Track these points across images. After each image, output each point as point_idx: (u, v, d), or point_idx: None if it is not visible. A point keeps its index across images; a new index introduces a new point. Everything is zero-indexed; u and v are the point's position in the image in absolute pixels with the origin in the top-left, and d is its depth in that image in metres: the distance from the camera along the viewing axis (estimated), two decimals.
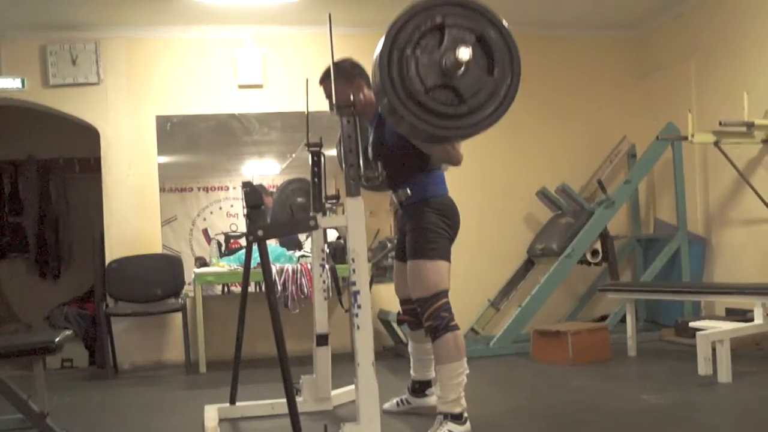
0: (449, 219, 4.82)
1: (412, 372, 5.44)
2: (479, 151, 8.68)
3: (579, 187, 8.91)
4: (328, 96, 4.94)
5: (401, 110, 3.93)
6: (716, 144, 7.39)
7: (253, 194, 4.16)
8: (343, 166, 4.11)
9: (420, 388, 5.36)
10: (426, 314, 4.63)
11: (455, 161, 4.75)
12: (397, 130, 4.38)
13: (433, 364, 5.09)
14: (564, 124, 9.15)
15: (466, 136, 4.21)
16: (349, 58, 5.19)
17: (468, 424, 4.55)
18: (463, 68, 3.91)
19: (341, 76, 4.84)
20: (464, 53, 3.84)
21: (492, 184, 8.88)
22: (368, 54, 8.64)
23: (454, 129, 4.07)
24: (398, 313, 5.24)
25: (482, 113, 4.03)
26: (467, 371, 4.64)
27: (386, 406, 5.39)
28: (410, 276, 4.78)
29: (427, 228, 4.75)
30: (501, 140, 8.64)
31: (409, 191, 4.75)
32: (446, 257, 4.77)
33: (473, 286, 8.35)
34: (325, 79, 5.02)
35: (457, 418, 4.52)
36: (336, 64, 4.57)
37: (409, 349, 5.43)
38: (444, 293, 4.66)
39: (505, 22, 4.05)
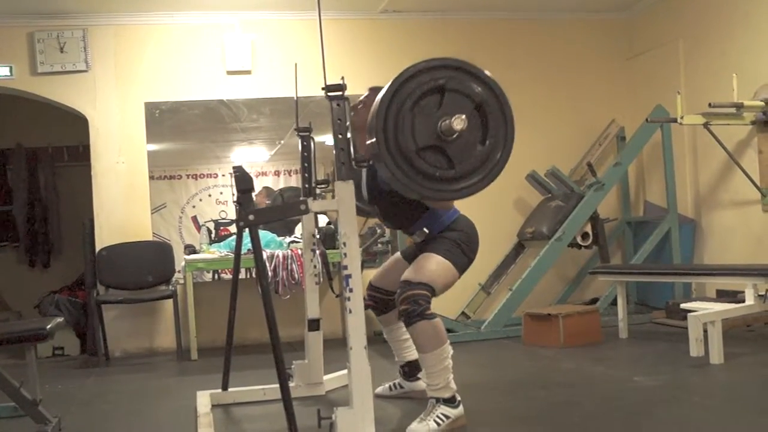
0: (468, 245, 4.81)
1: (396, 357, 5.43)
2: None
3: (569, 171, 8.91)
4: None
5: (389, 164, 4.04)
6: (706, 126, 7.39)
7: (243, 178, 4.14)
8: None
9: (410, 371, 5.34)
10: (403, 296, 4.52)
11: (447, 206, 4.78)
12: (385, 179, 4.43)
13: (410, 342, 5.06)
14: (553, 108, 9.15)
15: (448, 198, 4.39)
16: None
17: (461, 407, 4.55)
18: (456, 134, 4.01)
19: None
20: (459, 123, 3.97)
21: None
22: (356, 38, 8.69)
23: (438, 191, 4.20)
24: (363, 298, 5.22)
25: (468, 181, 4.18)
26: (451, 352, 4.62)
27: (379, 390, 5.39)
28: (414, 263, 4.75)
29: (448, 239, 4.73)
30: None
31: (426, 230, 4.75)
32: (458, 266, 4.73)
33: None
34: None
35: (450, 402, 4.52)
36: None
37: (385, 335, 5.43)
38: (431, 290, 4.56)
39: (505, 96, 4.18)
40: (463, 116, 3.99)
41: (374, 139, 4.03)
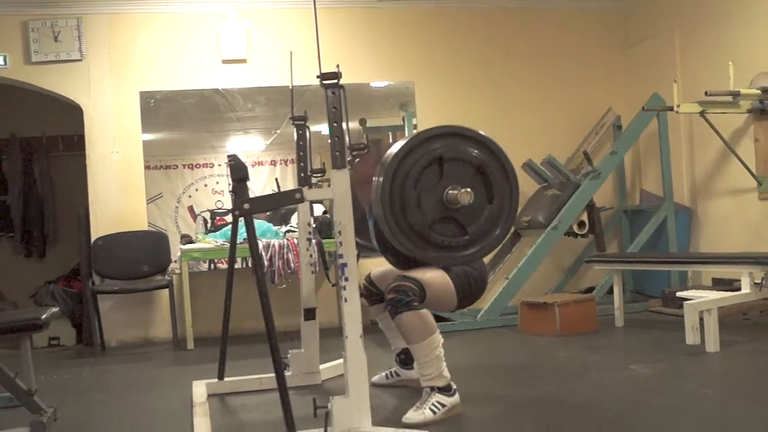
0: (476, 282, 4.84)
1: (392, 346, 5.43)
2: (465, 125, 8.67)
3: (565, 159, 8.90)
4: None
5: (405, 244, 4.12)
6: (702, 114, 7.38)
7: (238, 167, 4.13)
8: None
9: (407, 359, 5.32)
10: (392, 286, 4.52)
11: None
12: None
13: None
14: (549, 97, 9.14)
15: (465, 263, 4.44)
16: None
17: (457, 395, 4.54)
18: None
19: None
20: (466, 197, 4.06)
21: None
22: (351, 26, 8.66)
23: (454, 258, 4.29)
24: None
25: (483, 241, 4.23)
26: (442, 341, 4.60)
27: (375, 378, 5.39)
28: (419, 266, 4.73)
29: (461, 268, 4.76)
30: (486, 113, 8.64)
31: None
32: (458, 293, 4.76)
33: None
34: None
35: (446, 390, 4.51)
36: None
37: (379, 324, 5.42)
38: (422, 289, 4.54)
39: (503, 151, 4.26)
40: (468, 189, 4.06)
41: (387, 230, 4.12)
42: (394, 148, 4.12)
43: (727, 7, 7.82)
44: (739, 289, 6.28)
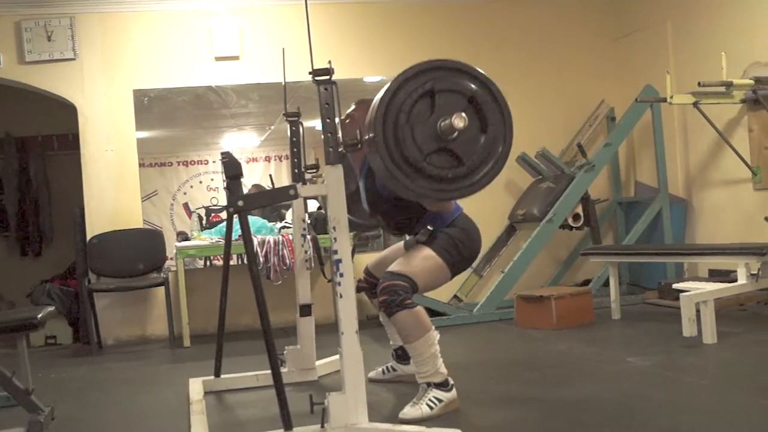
0: (465, 244, 4.81)
1: (390, 341, 5.43)
2: None
3: (559, 152, 8.91)
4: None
5: (400, 176, 4.04)
6: (695, 105, 7.38)
7: (232, 164, 4.13)
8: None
9: (403, 354, 5.31)
10: (383, 286, 4.53)
11: (448, 207, 4.79)
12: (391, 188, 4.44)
13: None
14: (542, 89, 9.13)
15: (464, 196, 4.30)
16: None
17: (454, 390, 4.54)
18: (457, 132, 4.01)
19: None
20: (460, 121, 3.96)
21: None
22: (343, 23, 8.65)
23: (452, 191, 4.20)
24: (358, 281, 5.19)
25: (480, 171, 4.17)
26: (438, 337, 4.60)
27: (372, 374, 5.39)
28: (404, 255, 4.75)
29: (447, 235, 4.74)
30: None
31: (430, 227, 4.74)
32: (450, 264, 4.74)
33: None
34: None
35: (443, 386, 4.52)
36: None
37: (380, 318, 5.42)
38: (412, 283, 4.55)
39: (493, 82, 4.18)
40: (462, 114, 3.98)
41: (382, 165, 4.06)
42: (385, 87, 4.09)
43: None
44: (735, 280, 6.28)
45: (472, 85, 4.14)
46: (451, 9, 8.92)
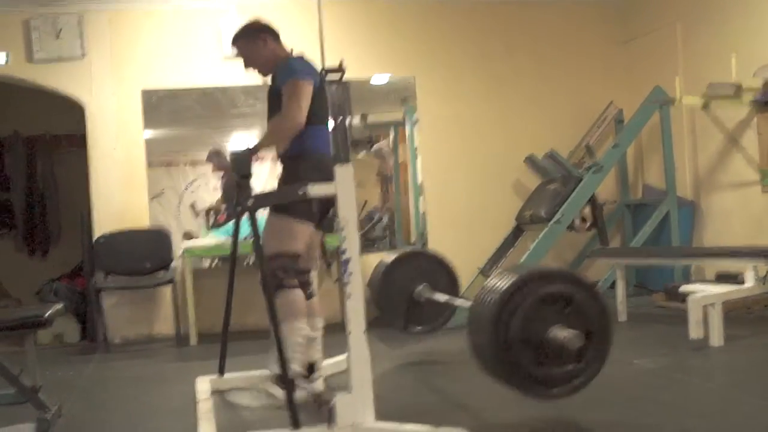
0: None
1: None
2: (467, 120, 8.68)
3: (567, 153, 8.89)
4: (242, 55, 5.33)
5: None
6: (704, 107, 7.37)
7: (241, 162, 4.13)
8: None
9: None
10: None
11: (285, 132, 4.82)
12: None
13: (315, 343, 5.11)
14: (551, 91, 9.13)
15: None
16: (256, 19, 5.41)
17: (305, 392, 4.62)
18: None
19: (244, 35, 5.25)
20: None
21: (480, 152, 8.84)
22: (354, 21, 8.64)
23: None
24: None
25: None
26: (304, 332, 4.73)
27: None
28: (267, 229, 4.88)
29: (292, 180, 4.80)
30: (488, 108, 8.66)
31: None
32: (299, 215, 4.84)
33: (463, 255, 8.30)
34: (237, 40, 5.39)
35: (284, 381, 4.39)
36: (244, 26, 5.23)
37: None
38: (281, 256, 4.73)
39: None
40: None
41: None
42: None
43: None
44: (743, 283, 6.27)
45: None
46: (462, 11, 8.90)
